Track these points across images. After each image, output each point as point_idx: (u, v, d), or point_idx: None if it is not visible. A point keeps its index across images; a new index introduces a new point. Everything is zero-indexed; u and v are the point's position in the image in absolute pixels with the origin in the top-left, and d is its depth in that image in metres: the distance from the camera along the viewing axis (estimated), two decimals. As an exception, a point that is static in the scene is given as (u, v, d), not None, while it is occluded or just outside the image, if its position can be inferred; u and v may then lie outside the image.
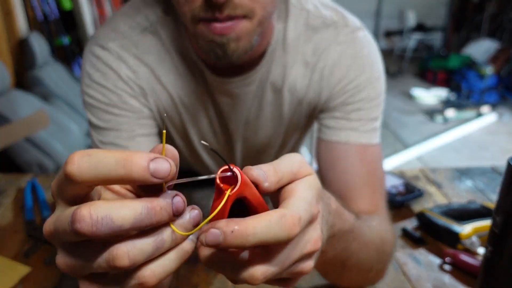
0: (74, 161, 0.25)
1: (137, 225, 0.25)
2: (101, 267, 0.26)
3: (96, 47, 0.67)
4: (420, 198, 0.92)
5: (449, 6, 5.84)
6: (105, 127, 0.67)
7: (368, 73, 0.68)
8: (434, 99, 4.37)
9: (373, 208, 0.65)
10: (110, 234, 0.25)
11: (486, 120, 3.86)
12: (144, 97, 0.68)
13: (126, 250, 0.26)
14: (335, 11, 0.70)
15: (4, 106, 1.78)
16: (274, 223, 0.27)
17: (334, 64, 0.68)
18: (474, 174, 1.03)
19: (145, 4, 0.68)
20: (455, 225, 0.75)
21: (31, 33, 2.33)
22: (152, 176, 0.25)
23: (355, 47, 0.68)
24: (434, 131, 3.66)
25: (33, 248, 0.78)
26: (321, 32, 0.68)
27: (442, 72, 4.80)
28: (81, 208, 0.24)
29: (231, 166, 0.28)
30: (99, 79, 0.66)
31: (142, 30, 0.67)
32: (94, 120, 0.68)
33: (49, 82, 2.19)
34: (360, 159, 0.67)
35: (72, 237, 0.25)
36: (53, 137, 1.88)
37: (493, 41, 4.72)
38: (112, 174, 0.24)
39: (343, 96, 0.68)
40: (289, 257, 0.30)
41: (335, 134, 0.68)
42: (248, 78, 0.68)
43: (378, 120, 0.70)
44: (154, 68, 0.68)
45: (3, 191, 0.99)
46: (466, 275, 0.69)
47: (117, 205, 0.25)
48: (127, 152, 0.25)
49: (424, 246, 0.77)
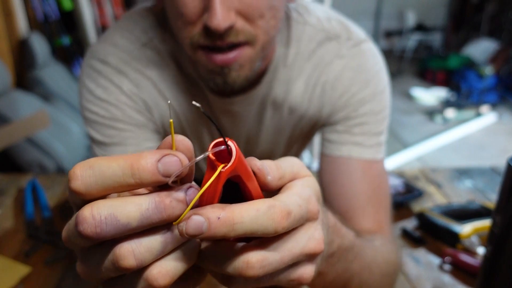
0: (77, 175, 0.23)
1: (145, 221, 0.23)
2: (109, 269, 0.25)
3: (95, 61, 0.64)
4: (419, 198, 0.92)
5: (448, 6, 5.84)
6: (110, 142, 0.64)
7: (372, 86, 0.65)
8: (433, 99, 4.37)
9: (376, 227, 0.63)
10: (116, 234, 0.23)
11: (485, 120, 3.86)
12: (149, 111, 0.66)
13: (131, 248, 0.24)
14: (338, 23, 0.67)
15: (5, 106, 1.78)
16: (263, 212, 0.25)
17: (336, 78, 0.66)
18: (474, 174, 1.03)
19: (143, 17, 0.66)
20: (454, 225, 0.76)
21: (32, 33, 2.33)
22: (164, 176, 0.23)
23: (358, 60, 0.66)
24: (434, 131, 3.66)
25: (34, 248, 0.78)
26: (323, 46, 0.66)
27: (441, 72, 4.80)
28: (83, 209, 0.23)
29: (226, 140, 0.25)
30: (101, 94, 0.64)
31: (141, 45, 0.65)
32: (97, 136, 0.65)
33: (50, 82, 2.19)
34: (363, 175, 0.64)
35: (80, 241, 0.24)
36: (53, 137, 1.88)
37: (493, 41, 4.72)
38: (122, 183, 0.23)
39: (345, 110, 0.66)
40: (289, 250, 0.28)
41: (337, 148, 0.66)
42: (250, 97, 0.65)
43: (383, 135, 0.67)
44: (157, 82, 0.65)
45: (3, 191, 0.99)
46: (465, 275, 0.69)
47: (121, 202, 0.23)
48: (132, 158, 0.23)
49: (424, 246, 0.77)
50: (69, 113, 2.15)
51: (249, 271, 0.26)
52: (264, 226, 0.25)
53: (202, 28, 0.51)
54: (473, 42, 4.93)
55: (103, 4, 3.00)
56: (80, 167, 0.23)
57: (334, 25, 0.67)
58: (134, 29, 0.65)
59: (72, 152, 1.96)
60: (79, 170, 0.23)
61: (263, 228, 0.25)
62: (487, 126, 3.78)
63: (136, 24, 0.66)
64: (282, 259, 0.27)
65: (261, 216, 0.25)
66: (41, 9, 2.56)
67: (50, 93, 2.17)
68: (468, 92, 4.30)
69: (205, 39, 0.51)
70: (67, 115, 2.11)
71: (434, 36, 5.77)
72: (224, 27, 0.48)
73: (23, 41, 2.24)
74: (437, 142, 3.42)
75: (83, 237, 0.23)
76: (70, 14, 2.76)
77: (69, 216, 0.26)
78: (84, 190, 0.23)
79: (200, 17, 0.51)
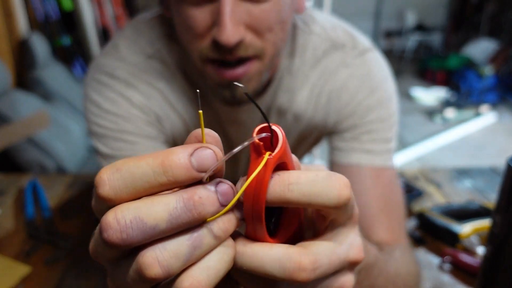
0: (103, 181, 0.21)
1: (175, 222, 0.21)
2: (135, 281, 0.22)
3: (102, 76, 0.63)
4: (419, 198, 0.92)
5: (448, 6, 5.84)
6: (119, 155, 0.63)
7: (378, 94, 0.65)
8: (433, 99, 4.37)
9: (391, 237, 0.61)
10: (145, 239, 0.21)
11: (485, 120, 3.86)
12: (160, 123, 0.66)
13: (155, 255, 0.21)
14: (344, 31, 0.67)
15: (5, 106, 1.78)
16: (322, 177, 0.23)
17: (341, 87, 0.65)
18: (473, 174, 1.03)
19: (149, 27, 0.65)
20: (454, 225, 0.76)
21: (32, 33, 2.33)
22: (199, 171, 0.21)
23: (363, 69, 0.65)
24: (433, 131, 3.66)
25: (34, 248, 0.79)
26: (328, 55, 0.66)
27: (441, 72, 4.79)
28: (106, 215, 0.21)
29: (271, 125, 0.22)
30: (109, 107, 0.62)
31: (148, 57, 0.64)
32: (104, 149, 0.64)
33: (50, 82, 2.19)
34: (374, 183, 0.63)
35: (107, 251, 0.22)
36: (53, 137, 1.88)
37: (492, 41, 4.72)
38: (153, 183, 0.21)
39: (352, 118, 0.66)
40: (336, 254, 0.25)
41: (347, 156, 0.65)
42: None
43: (392, 142, 0.67)
44: (166, 93, 0.65)
45: (3, 191, 0.99)
46: (465, 275, 0.69)
47: (147, 203, 0.21)
48: (161, 154, 0.21)
49: (424, 246, 0.77)
50: (69, 113, 2.15)
51: (301, 273, 0.23)
52: (325, 192, 0.23)
53: (211, 41, 0.50)
54: (473, 42, 4.93)
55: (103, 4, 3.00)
56: (106, 171, 0.22)
57: (340, 34, 0.67)
58: (140, 40, 0.64)
59: (72, 152, 1.96)
60: (105, 174, 0.21)
61: (324, 195, 0.23)
62: (486, 126, 3.78)
63: (142, 35, 0.65)
64: (331, 263, 0.25)
65: (320, 181, 0.23)
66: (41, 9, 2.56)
67: (50, 93, 2.17)
68: (468, 92, 4.30)
69: (214, 52, 0.51)
70: (67, 115, 2.11)
71: (434, 36, 5.77)
72: (234, 42, 0.48)
73: (24, 41, 2.24)
74: (436, 142, 3.42)
75: (109, 245, 0.21)
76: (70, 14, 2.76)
77: (69, 216, 0.25)
78: (114, 195, 0.21)
79: (209, 31, 0.50)
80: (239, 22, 0.49)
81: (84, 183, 1.04)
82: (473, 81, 4.25)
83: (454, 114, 3.94)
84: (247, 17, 0.49)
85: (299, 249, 0.24)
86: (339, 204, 0.23)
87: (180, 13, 0.52)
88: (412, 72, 5.45)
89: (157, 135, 0.65)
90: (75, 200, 0.95)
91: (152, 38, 0.64)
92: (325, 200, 0.23)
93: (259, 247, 0.24)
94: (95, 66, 0.65)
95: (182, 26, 0.53)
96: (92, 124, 0.64)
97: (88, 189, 1.00)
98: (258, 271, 0.23)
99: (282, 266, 0.23)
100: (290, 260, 0.23)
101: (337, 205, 0.23)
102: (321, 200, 0.23)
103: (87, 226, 0.85)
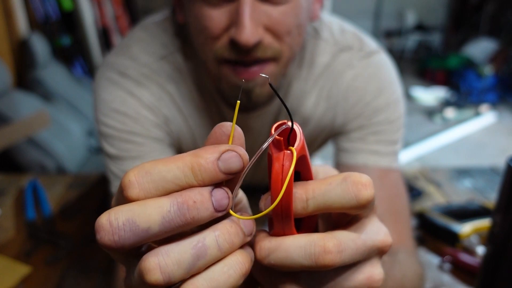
0: (133, 183, 0.21)
1: (168, 226, 0.21)
2: (138, 284, 0.22)
3: (113, 74, 0.62)
4: (419, 197, 0.92)
5: (448, 6, 5.84)
6: (126, 156, 0.62)
7: (385, 95, 0.65)
8: (433, 99, 4.37)
9: (398, 239, 0.60)
10: (137, 242, 0.21)
11: (485, 120, 3.86)
12: (167, 125, 0.65)
13: (158, 261, 0.21)
14: (352, 35, 0.67)
15: (5, 106, 1.78)
16: (336, 184, 0.23)
17: (348, 88, 0.65)
18: (473, 173, 1.04)
19: (162, 29, 0.65)
20: (454, 224, 0.76)
21: (32, 33, 2.33)
22: (226, 174, 0.22)
23: (369, 70, 0.65)
24: (433, 131, 3.66)
25: (34, 248, 0.79)
26: (336, 58, 0.66)
27: (441, 72, 4.79)
28: (100, 217, 0.21)
29: (288, 122, 0.23)
30: (118, 107, 0.61)
31: (160, 59, 0.63)
32: (111, 150, 0.63)
33: (50, 82, 2.19)
34: (380, 184, 0.62)
35: (111, 252, 0.22)
36: (54, 137, 1.87)
37: (492, 41, 4.72)
38: (184, 186, 0.21)
39: (359, 119, 0.66)
40: (362, 239, 0.25)
41: (353, 157, 0.65)
42: (265, 112, 0.65)
43: (398, 144, 0.67)
44: (175, 96, 0.64)
45: (4, 191, 0.99)
46: (465, 274, 0.69)
47: (141, 206, 0.21)
48: (190, 158, 0.21)
49: (424, 246, 0.77)
50: (69, 113, 2.15)
51: (327, 256, 0.23)
52: (340, 198, 0.23)
53: (228, 42, 0.50)
54: (473, 42, 4.93)
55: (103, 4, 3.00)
56: (135, 173, 0.21)
57: (348, 37, 0.67)
58: (153, 42, 0.64)
59: (72, 152, 1.96)
60: (134, 177, 0.21)
61: (340, 201, 0.23)
62: (486, 126, 3.78)
63: (155, 37, 0.64)
64: (357, 248, 0.25)
65: (333, 189, 0.24)
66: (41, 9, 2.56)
67: (50, 93, 2.17)
68: (468, 92, 4.30)
69: (231, 53, 0.51)
70: (67, 115, 2.11)
71: (434, 36, 5.77)
72: (253, 42, 0.48)
73: (24, 41, 2.24)
74: (436, 141, 3.42)
75: (104, 248, 0.21)
76: (70, 14, 2.76)
77: (69, 216, 0.25)
78: (144, 198, 0.21)
79: (226, 31, 0.50)
80: (258, 23, 0.49)
81: (84, 183, 1.04)
82: (473, 81, 4.25)
83: (454, 114, 3.94)
84: (266, 19, 0.49)
85: (322, 234, 0.24)
86: (360, 205, 0.24)
87: (195, 13, 0.52)
88: (411, 72, 5.45)
89: (164, 137, 0.65)
90: (75, 200, 0.95)
91: (165, 40, 0.64)
92: (344, 204, 0.24)
93: (284, 239, 0.24)
94: (106, 64, 0.65)
95: (197, 26, 0.53)
96: (100, 124, 0.63)
97: (88, 189, 1.00)
98: (286, 262, 0.24)
99: (307, 252, 0.23)
100: (315, 245, 0.23)
101: (358, 206, 0.24)
102: (339, 205, 0.24)
103: (87, 226, 0.85)
